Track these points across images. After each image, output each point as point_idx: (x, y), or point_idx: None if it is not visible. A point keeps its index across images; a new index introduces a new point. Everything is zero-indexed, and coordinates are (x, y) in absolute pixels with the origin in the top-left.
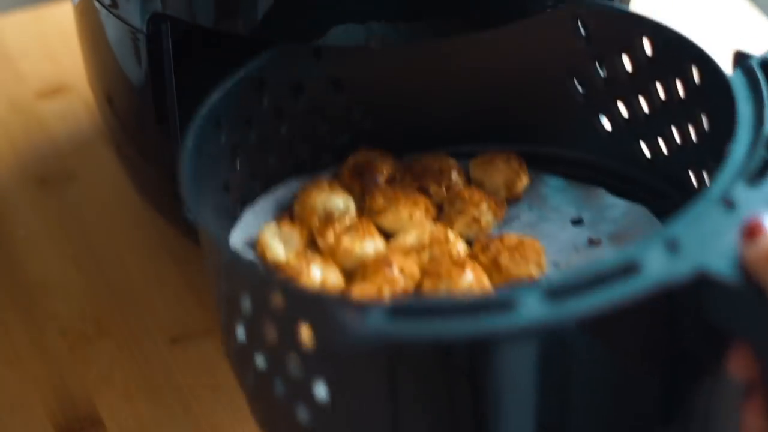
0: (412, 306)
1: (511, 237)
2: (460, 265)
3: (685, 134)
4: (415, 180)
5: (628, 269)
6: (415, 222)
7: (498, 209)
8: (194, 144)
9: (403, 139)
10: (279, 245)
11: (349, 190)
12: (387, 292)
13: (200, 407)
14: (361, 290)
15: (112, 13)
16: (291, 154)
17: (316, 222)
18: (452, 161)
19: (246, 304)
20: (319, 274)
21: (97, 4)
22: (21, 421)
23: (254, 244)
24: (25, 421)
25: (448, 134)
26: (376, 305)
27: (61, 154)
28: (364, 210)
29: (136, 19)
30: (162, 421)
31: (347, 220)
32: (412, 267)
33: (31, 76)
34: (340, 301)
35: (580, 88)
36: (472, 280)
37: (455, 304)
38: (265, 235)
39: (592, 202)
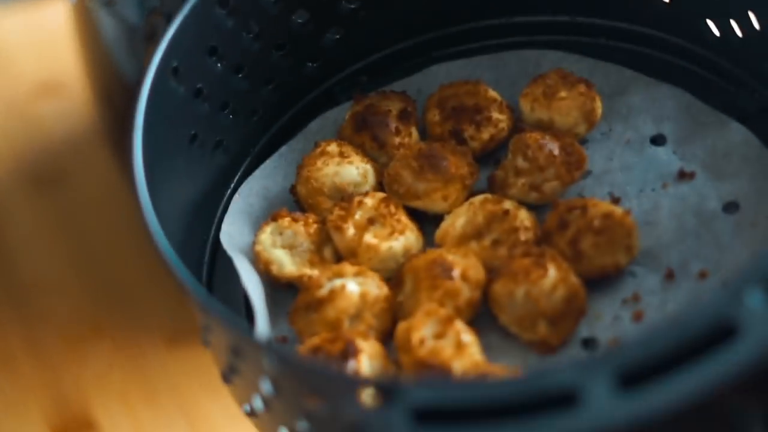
0: (444, 405)
1: (596, 207)
2: (539, 262)
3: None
4: (444, 121)
5: (727, 330)
6: (452, 202)
7: (571, 174)
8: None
9: (404, 23)
10: (284, 255)
11: (360, 148)
12: (450, 309)
13: (197, 408)
14: (416, 309)
15: (109, 10)
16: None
17: (324, 203)
18: (491, 91)
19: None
20: (357, 290)
21: (94, 2)
22: (16, 422)
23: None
24: (20, 423)
25: (466, 10)
26: (394, 397)
27: (57, 153)
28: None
29: (134, 17)
30: (159, 422)
31: (369, 200)
32: (477, 269)
33: (27, 75)
34: (357, 383)
35: None
36: (555, 279)
37: (501, 401)
38: (263, 245)
39: (673, 107)
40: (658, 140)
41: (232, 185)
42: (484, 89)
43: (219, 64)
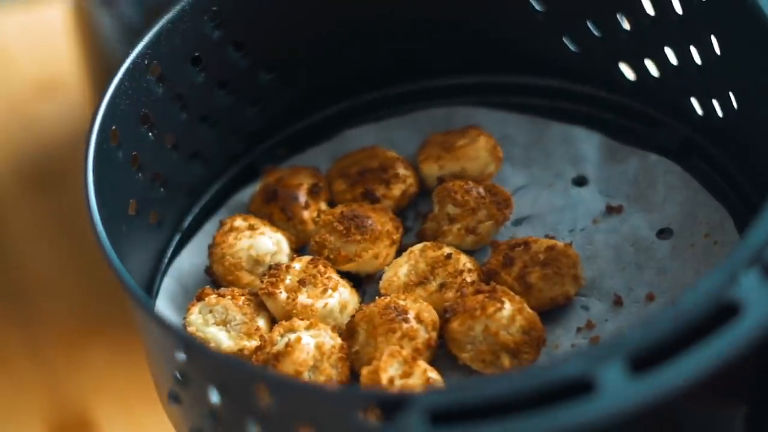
0: (458, 405)
1: (537, 243)
2: (493, 296)
3: (683, 55)
4: (352, 186)
5: (729, 310)
6: (382, 260)
7: (502, 212)
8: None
9: (326, 93)
10: (219, 332)
11: (268, 219)
12: (407, 352)
13: None
14: (374, 356)
15: (108, 11)
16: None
17: (244, 278)
18: (389, 152)
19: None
20: (312, 341)
21: (92, 2)
22: (16, 422)
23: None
24: (19, 423)
25: (378, 76)
26: (406, 406)
27: (57, 153)
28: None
29: (133, 17)
30: (158, 422)
31: (297, 264)
32: (430, 311)
33: (26, 75)
34: (354, 398)
35: (538, 4)
36: (512, 311)
37: (519, 394)
38: (195, 325)
39: (589, 148)
40: (580, 181)
41: (166, 260)
42: (382, 151)
43: (150, 133)
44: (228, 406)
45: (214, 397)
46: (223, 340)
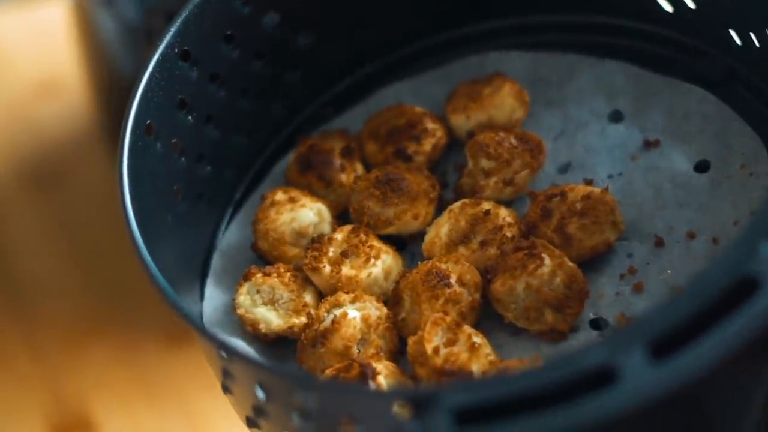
0: (486, 401)
1: (574, 191)
2: (532, 253)
3: None
4: (383, 147)
5: (749, 284)
6: (422, 220)
7: (536, 159)
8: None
9: (356, 52)
10: (268, 312)
11: (307, 189)
12: (454, 315)
13: (197, 408)
14: (420, 322)
15: (107, 10)
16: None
17: (289, 252)
18: (416, 108)
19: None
20: (358, 315)
21: (92, 1)
22: (16, 422)
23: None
24: (20, 423)
25: (409, 30)
26: (433, 403)
27: (57, 154)
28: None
29: (133, 17)
30: (159, 423)
31: (338, 235)
32: (472, 272)
33: (26, 76)
34: (384, 397)
35: None
36: (552, 266)
37: (542, 389)
38: (244, 307)
39: (622, 81)
40: (615, 117)
41: (221, 235)
42: (409, 108)
43: (189, 117)
44: (272, 400)
45: (260, 393)
46: (272, 319)
